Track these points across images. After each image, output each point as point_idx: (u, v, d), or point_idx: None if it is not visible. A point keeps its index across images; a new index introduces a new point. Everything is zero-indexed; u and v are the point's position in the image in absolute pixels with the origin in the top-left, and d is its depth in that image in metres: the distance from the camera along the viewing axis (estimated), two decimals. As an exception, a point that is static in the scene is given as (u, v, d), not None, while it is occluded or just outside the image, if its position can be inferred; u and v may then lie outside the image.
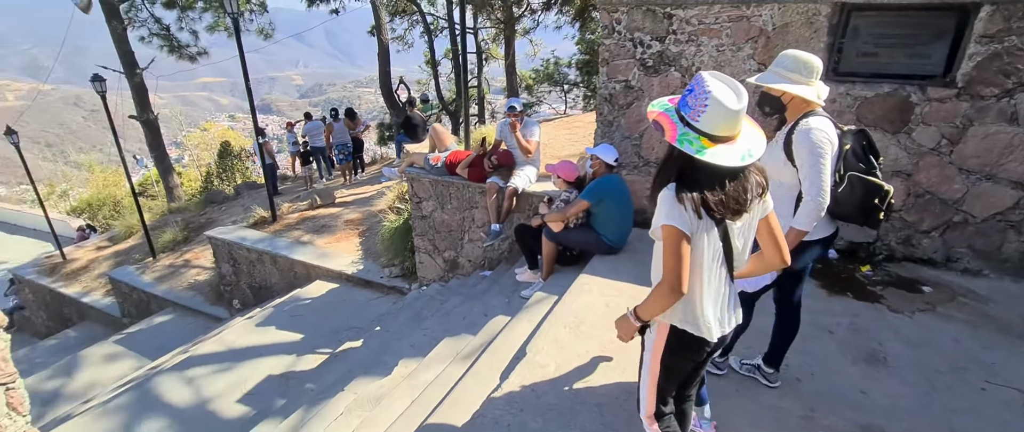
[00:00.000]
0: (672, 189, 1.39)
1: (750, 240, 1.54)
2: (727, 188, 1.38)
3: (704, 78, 1.36)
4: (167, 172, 12.36)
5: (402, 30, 18.90)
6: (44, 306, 9.46)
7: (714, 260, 1.46)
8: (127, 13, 11.39)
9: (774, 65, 1.99)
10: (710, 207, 1.36)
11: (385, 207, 6.43)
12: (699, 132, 1.35)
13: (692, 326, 1.52)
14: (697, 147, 1.34)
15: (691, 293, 1.47)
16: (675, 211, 1.37)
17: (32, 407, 4.73)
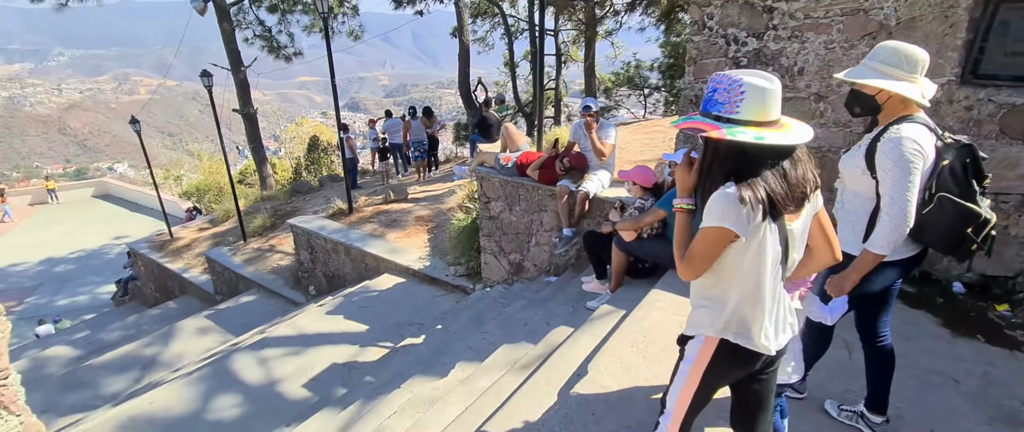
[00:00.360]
0: (731, 188, 1.27)
1: (805, 238, 1.44)
2: (789, 178, 1.29)
3: (725, 74, 1.31)
4: (262, 162, 13.34)
5: (483, 32, 19.20)
6: (153, 278, 10.51)
7: (773, 266, 1.35)
8: (236, 16, 12.43)
9: (868, 58, 1.74)
10: (776, 203, 1.27)
11: (455, 205, 6.45)
12: (745, 122, 1.27)
13: (746, 339, 1.40)
14: (755, 134, 1.26)
15: (745, 303, 1.37)
16: (733, 212, 1.26)
17: (132, 371, 5.15)
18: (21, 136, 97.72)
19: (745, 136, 1.26)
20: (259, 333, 5.22)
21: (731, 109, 1.28)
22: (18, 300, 13.33)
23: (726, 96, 1.29)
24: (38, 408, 5.25)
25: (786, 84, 3.18)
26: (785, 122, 1.33)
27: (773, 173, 1.28)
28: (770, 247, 1.32)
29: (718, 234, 1.29)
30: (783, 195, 1.27)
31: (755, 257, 1.32)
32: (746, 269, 1.34)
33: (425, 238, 6.35)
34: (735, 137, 1.26)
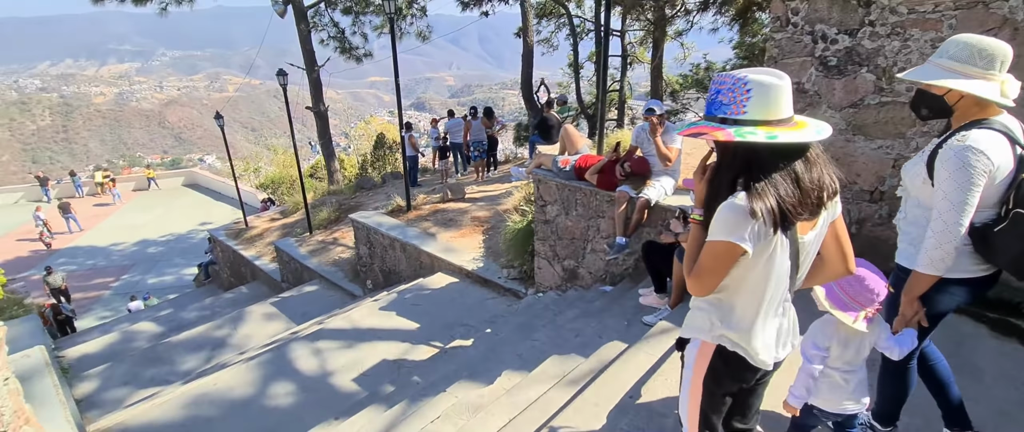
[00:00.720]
0: (740, 198, 1.18)
1: (817, 249, 1.36)
2: (803, 183, 1.20)
3: (728, 73, 1.23)
4: (330, 158, 13.94)
5: (548, 33, 19.08)
6: (229, 264, 11.23)
7: (780, 279, 1.28)
8: (312, 18, 13.07)
9: (936, 54, 1.57)
10: (788, 213, 1.17)
11: (511, 207, 6.38)
12: (754, 122, 1.19)
13: (743, 350, 1.34)
14: (767, 133, 1.17)
15: (748, 313, 1.31)
16: (742, 226, 1.17)
17: (204, 351, 5.45)
18: (127, 128, 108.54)
19: (756, 136, 1.17)
20: (317, 324, 5.39)
21: (737, 110, 1.20)
22: (115, 277, 14.72)
23: (731, 96, 1.21)
24: (121, 380, 5.70)
25: (882, 87, 2.83)
26: (800, 120, 1.24)
27: (784, 177, 1.19)
28: (779, 261, 1.25)
29: (726, 249, 1.20)
30: (796, 203, 1.18)
31: (762, 271, 1.25)
32: (752, 281, 1.27)
33: (480, 239, 6.32)
34: (744, 138, 1.17)
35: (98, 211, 20.11)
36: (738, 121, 1.21)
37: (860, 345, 1.66)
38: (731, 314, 1.33)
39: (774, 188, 1.17)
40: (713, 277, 1.26)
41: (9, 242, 17.14)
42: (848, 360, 1.66)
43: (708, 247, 1.25)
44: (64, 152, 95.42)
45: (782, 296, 1.34)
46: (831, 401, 1.71)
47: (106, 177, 21.47)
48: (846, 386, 1.68)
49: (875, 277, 1.55)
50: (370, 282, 7.13)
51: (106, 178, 21.36)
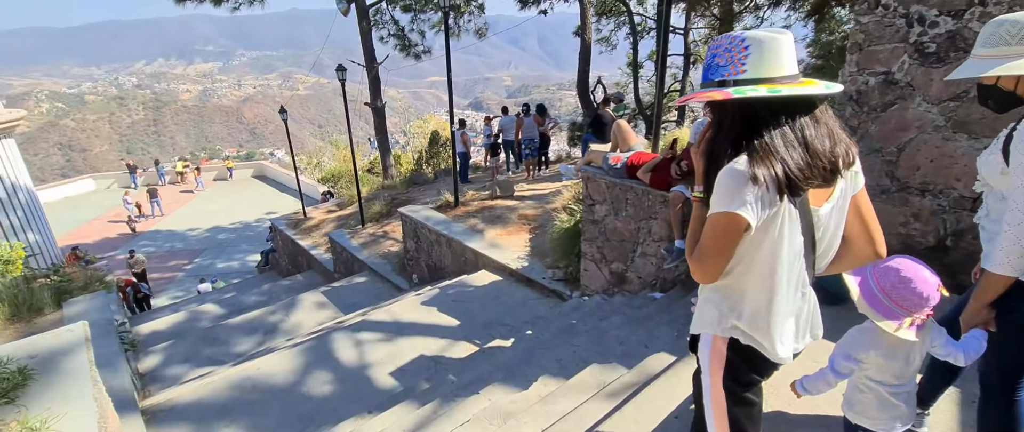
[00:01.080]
0: (742, 164, 1.07)
1: (840, 227, 1.23)
2: (812, 145, 1.09)
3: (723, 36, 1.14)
4: (386, 153, 14.26)
5: (607, 31, 18.67)
6: (287, 252, 11.71)
7: (794, 258, 1.15)
8: (374, 16, 13.40)
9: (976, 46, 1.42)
10: (796, 179, 1.06)
11: (559, 206, 6.19)
12: (755, 80, 1.09)
13: (757, 343, 1.21)
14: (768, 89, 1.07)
15: (759, 300, 1.18)
16: (743, 194, 1.05)
17: (257, 334, 5.62)
18: (209, 123, 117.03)
19: (757, 92, 1.07)
20: (361, 315, 5.42)
21: (735, 70, 1.11)
22: (189, 260, 15.76)
23: (728, 57, 1.12)
24: (182, 357, 6.00)
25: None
26: (808, 80, 1.12)
27: (788, 137, 1.08)
28: (789, 234, 1.11)
29: (728, 222, 1.08)
30: (804, 166, 1.06)
31: (771, 247, 1.12)
32: (760, 260, 1.14)
33: (526, 237, 6.17)
34: (743, 95, 1.07)
35: (181, 197, 21.70)
36: (737, 81, 1.11)
37: (909, 355, 1.40)
38: (741, 302, 1.20)
39: (777, 149, 1.06)
40: (717, 257, 1.14)
41: (101, 223, 18.79)
42: (897, 373, 1.41)
43: (709, 224, 1.13)
44: (153, 144, 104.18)
45: (798, 279, 1.19)
46: (880, 420, 1.46)
47: (185, 166, 23.13)
48: (898, 404, 1.44)
49: (926, 277, 1.31)
50: (416, 276, 7.15)
51: (185, 167, 23.01)
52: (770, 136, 1.07)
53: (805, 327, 1.27)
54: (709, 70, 1.17)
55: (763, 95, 1.06)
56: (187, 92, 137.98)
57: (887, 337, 1.36)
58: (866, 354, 1.41)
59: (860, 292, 1.35)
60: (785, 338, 1.21)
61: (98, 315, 4.39)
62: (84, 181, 22.84)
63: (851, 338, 1.46)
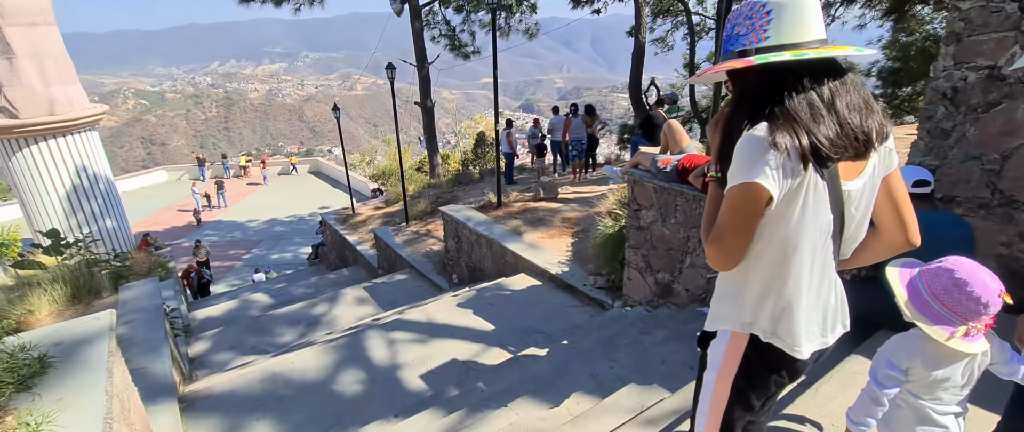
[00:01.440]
0: (761, 129, 0.98)
1: (870, 209, 1.12)
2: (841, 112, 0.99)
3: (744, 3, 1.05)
4: (433, 152, 14.37)
5: (663, 31, 18.10)
6: (335, 246, 11.99)
7: (821, 238, 1.04)
8: (426, 16, 13.53)
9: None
10: (822, 147, 0.96)
11: (604, 210, 5.92)
12: (779, 47, 1.00)
13: (781, 339, 1.10)
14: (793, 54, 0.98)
15: (781, 288, 1.07)
16: (763, 161, 0.95)
17: (300, 326, 5.70)
18: (273, 120, 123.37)
19: (782, 57, 0.99)
20: (397, 313, 5.38)
21: (758, 37, 1.04)
22: (247, 250, 16.51)
23: (749, 25, 1.05)
24: (228, 344, 6.18)
25: None
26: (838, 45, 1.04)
27: (816, 105, 0.99)
28: (815, 209, 1.01)
29: (746, 194, 0.98)
30: (832, 134, 0.98)
31: (796, 225, 1.01)
32: (782, 241, 1.03)
33: (568, 241, 5.95)
34: (765, 61, 0.99)
35: (245, 189, 22.89)
36: (761, 49, 1.03)
37: (963, 370, 1.24)
38: (763, 293, 1.09)
39: (800, 114, 0.97)
40: (735, 236, 1.03)
41: (171, 212, 20.05)
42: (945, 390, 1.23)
43: (727, 200, 1.03)
44: (223, 139, 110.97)
45: (825, 262, 1.07)
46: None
47: (248, 161, 24.36)
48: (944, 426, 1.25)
49: (985, 281, 1.16)
50: (456, 276, 7.08)
51: (248, 162, 24.23)
52: (794, 101, 0.98)
53: (833, 318, 1.14)
54: (729, 41, 1.09)
55: (788, 59, 0.98)
56: (255, 91, 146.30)
57: (937, 347, 1.20)
58: (911, 364, 1.25)
59: (908, 295, 1.23)
60: (811, 331, 1.10)
61: (149, 301, 4.54)
62: (158, 173, 24.51)
63: (895, 344, 1.31)
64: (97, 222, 13.81)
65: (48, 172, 12.76)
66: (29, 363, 1.74)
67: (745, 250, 1.05)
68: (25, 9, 11.93)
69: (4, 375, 1.67)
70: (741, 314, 1.14)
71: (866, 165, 1.06)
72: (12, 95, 12.03)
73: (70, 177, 13.02)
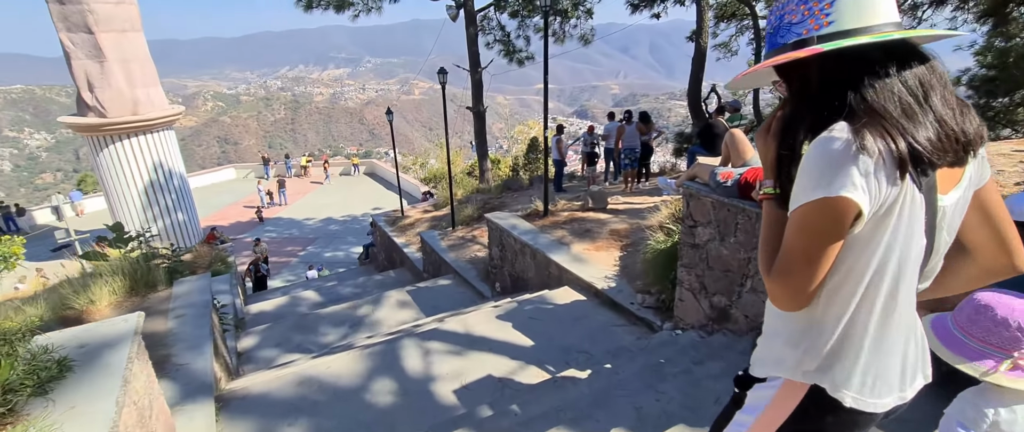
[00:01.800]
0: (841, 130, 0.78)
1: (955, 230, 0.92)
2: (936, 108, 0.81)
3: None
4: (483, 157, 14.37)
5: (727, 36, 17.36)
6: (384, 248, 12.18)
7: (910, 268, 0.84)
8: (481, 21, 13.56)
9: None
10: (923, 150, 0.78)
11: (656, 223, 5.59)
12: (846, 33, 0.82)
13: (853, 392, 0.88)
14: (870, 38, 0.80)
15: (864, 331, 0.86)
16: (848, 169, 0.76)
17: (343, 327, 5.73)
18: (335, 123, 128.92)
19: (859, 41, 0.79)
20: (436, 321, 5.29)
21: (817, 23, 0.84)
22: (302, 247, 17.14)
23: (804, 10, 0.85)
24: (275, 341, 6.31)
25: None
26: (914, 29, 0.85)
27: (905, 98, 0.79)
28: (908, 232, 0.81)
29: (827, 212, 0.79)
30: (933, 135, 0.79)
31: (885, 251, 0.82)
32: (865, 271, 0.84)
33: (616, 255, 5.66)
34: (834, 47, 0.80)
35: (307, 188, 23.91)
36: (823, 37, 0.85)
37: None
38: (837, 336, 0.89)
39: (892, 108, 0.80)
40: (809, 268, 0.84)
41: (237, 208, 21.19)
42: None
43: (794, 222, 0.84)
44: (289, 140, 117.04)
45: (909, 297, 0.89)
46: None
47: (308, 161, 25.44)
48: None
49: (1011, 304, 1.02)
50: (498, 285, 6.93)
51: (308, 162, 25.30)
52: (879, 94, 0.80)
53: (914, 366, 0.95)
54: (778, 32, 0.90)
55: (865, 42, 0.80)
56: (320, 95, 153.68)
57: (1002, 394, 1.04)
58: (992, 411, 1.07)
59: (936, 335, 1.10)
60: (890, 383, 0.91)
61: (199, 297, 4.66)
62: (226, 170, 26.03)
63: (967, 401, 1.13)
64: (170, 215, 14.74)
65: (129, 167, 13.73)
66: (49, 366, 1.71)
67: (817, 282, 0.85)
68: (116, 17, 12.92)
69: (24, 377, 1.64)
70: (803, 360, 0.94)
71: (962, 174, 0.90)
72: (102, 96, 13.04)
73: (148, 172, 13.97)
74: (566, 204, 7.68)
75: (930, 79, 0.83)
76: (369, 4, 12.92)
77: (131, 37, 13.05)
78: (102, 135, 12.90)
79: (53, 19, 11.95)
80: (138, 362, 2.00)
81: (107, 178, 13.42)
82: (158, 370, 3.59)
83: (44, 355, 1.76)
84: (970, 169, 0.90)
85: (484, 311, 4.97)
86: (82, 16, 12.00)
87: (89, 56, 12.35)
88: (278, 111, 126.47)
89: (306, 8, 12.32)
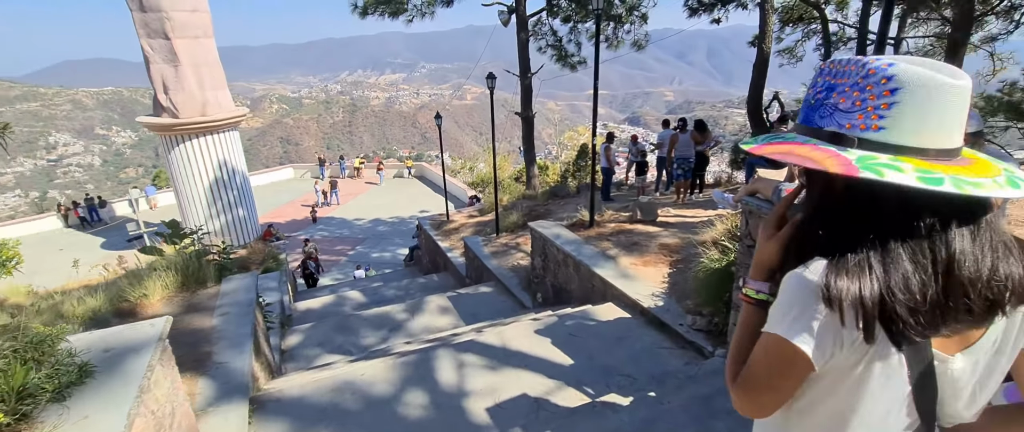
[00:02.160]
0: (814, 271, 0.74)
1: (991, 383, 0.80)
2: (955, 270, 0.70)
3: (853, 60, 0.74)
4: (531, 163, 14.23)
5: (792, 41, 16.46)
6: (428, 251, 12.25)
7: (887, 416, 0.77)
8: (533, 26, 13.46)
9: None
10: (896, 317, 0.69)
11: (709, 240, 5.23)
12: (898, 148, 0.70)
13: None
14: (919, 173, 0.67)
15: None
16: (807, 317, 0.72)
17: (383, 330, 5.71)
18: (390, 126, 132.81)
19: (902, 175, 0.66)
20: (474, 331, 5.17)
21: (867, 121, 0.72)
22: (351, 246, 17.59)
23: (857, 98, 0.73)
24: (317, 340, 6.40)
25: None
26: (972, 154, 0.74)
27: (914, 251, 0.70)
28: (881, 388, 0.74)
29: (779, 351, 0.76)
30: (917, 298, 0.68)
31: (848, 399, 0.76)
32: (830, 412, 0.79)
33: (665, 271, 5.34)
34: (880, 176, 0.66)
35: (361, 188, 24.63)
36: (866, 142, 0.71)
37: None
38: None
39: (883, 264, 0.70)
40: (767, 392, 0.81)
41: (294, 206, 22.08)
42: None
43: (761, 343, 0.80)
44: (346, 142, 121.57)
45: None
46: None
47: (361, 163, 26.20)
48: None
49: None
50: (540, 295, 6.74)
51: (361, 164, 26.06)
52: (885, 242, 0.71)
53: None
54: (820, 108, 0.77)
55: (911, 183, 0.66)
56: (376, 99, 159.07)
57: None
58: None
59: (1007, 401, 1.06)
60: None
61: (244, 295, 4.75)
62: (285, 170, 27.23)
63: None
64: (232, 211, 15.48)
65: (196, 165, 14.53)
66: (70, 371, 1.68)
67: (775, 408, 0.85)
68: (191, 24, 13.73)
69: (44, 381, 1.61)
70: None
71: (982, 335, 0.77)
72: (175, 98, 13.87)
73: (213, 170, 14.73)
74: (613, 214, 7.39)
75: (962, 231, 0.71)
76: (422, 9, 13.13)
77: (203, 43, 13.85)
78: (174, 134, 13.74)
79: (136, 26, 12.86)
80: (161, 368, 1.95)
81: (176, 174, 14.28)
82: (199, 368, 3.65)
83: (67, 359, 1.74)
84: (1000, 327, 0.76)
85: (523, 324, 4.79)
86: (161, 23, 12.83)
87: (165, 60, 13.19)
88: (337, 114, 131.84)
89: (362, 15, 12.68)
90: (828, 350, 0.74)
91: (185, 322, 4.27)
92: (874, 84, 0.72)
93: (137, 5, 12.58)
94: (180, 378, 2.19)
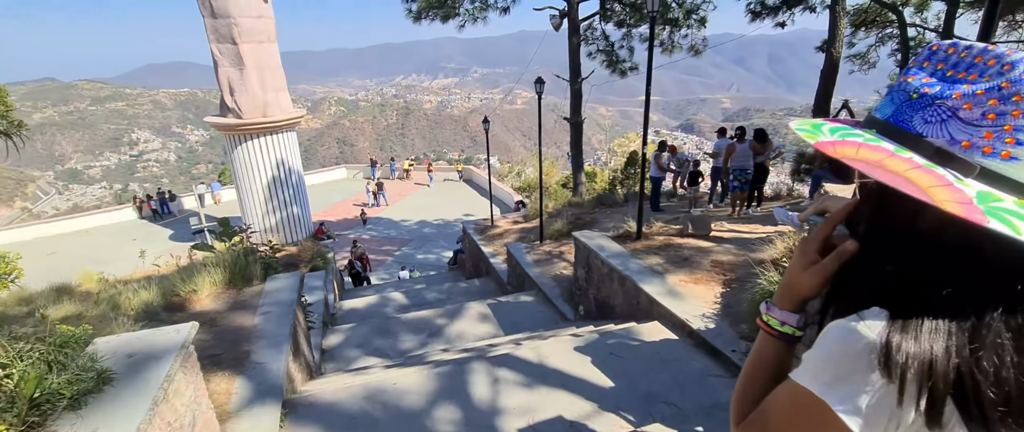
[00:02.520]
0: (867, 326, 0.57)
1: None
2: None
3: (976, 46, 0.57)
4: (578, 169, 13.95)
5: (865, 46, 15.40)
6: (471, 255, 12.22)
7: None
8: (585, 31, 13.21)
9: None
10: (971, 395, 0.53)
11: (768, 259, 4.85)
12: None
13: None
14: None
15: None
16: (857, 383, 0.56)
17: (422, 335, 5.65)
18: (441, 129, 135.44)
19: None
20: (512, 343, 5.01)
21: (998, 145, 0.54)
22: (398, 247, 17.87)
23: (994, 108, 0.53)
24: (357, 342, 6.44)
25: None
26: None
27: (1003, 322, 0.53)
28: None
29: (816, 412, 0.59)
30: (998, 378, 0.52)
31: None
32: None
33: (717, 291, 4.99)
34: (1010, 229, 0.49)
35: (408, 190, 25.12)
36: (988, 173, 0.54)
37: None
38: None
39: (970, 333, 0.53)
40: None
41: (346, 205, 22.74)
42: None
43: (783, 393, 0.66)
44: (399, 144, 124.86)
45: None
46: None
47: (410, 165, 26.70)
48: None
49: None
50: (582, 308, 6.50)
51: (410, 166, 26.56)
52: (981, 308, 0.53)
53: None
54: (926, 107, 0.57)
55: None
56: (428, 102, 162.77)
57: None
58: None
59: None
60: None
61: (287, 295, 4.80)
62: (338, 170, 28.14)
63: None
64: (287, 208, 16.08)
65: (256, 163, 15.16)
66: (87, 380, 1.65)
67: None
68: (256, 29, 14.39)
69: (63, 386, 1.58)
70: None
71: None
72: (239, 99, 14.56)
73: (271, 169, 15.35)
74: (662, 227, 7.05)
75: None
76: (474, 14, 13.18)
77: (267, 47, 14.50)
78: (237, 134, 14.44)
79: (206, 32, 13.61)
80: (183, 376, 1.91)
81: (238, 172, 14.99)
82: (237, 367, 3.68)
83: (89, 365, 1.71)
84: None
85: (562, 339, 4.58)
86: (229, 28, 13.52)
87: (232, 64, 13.88)
88: (391, 116, 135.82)
89: (416, 19, 12.88)
90: (871, 421, 0.57)
91: (228, 319, 4.36)
92: (1003, 89, 0.53)
93: (209, 11, 13.32)
94: (204, 385, 2.15)
